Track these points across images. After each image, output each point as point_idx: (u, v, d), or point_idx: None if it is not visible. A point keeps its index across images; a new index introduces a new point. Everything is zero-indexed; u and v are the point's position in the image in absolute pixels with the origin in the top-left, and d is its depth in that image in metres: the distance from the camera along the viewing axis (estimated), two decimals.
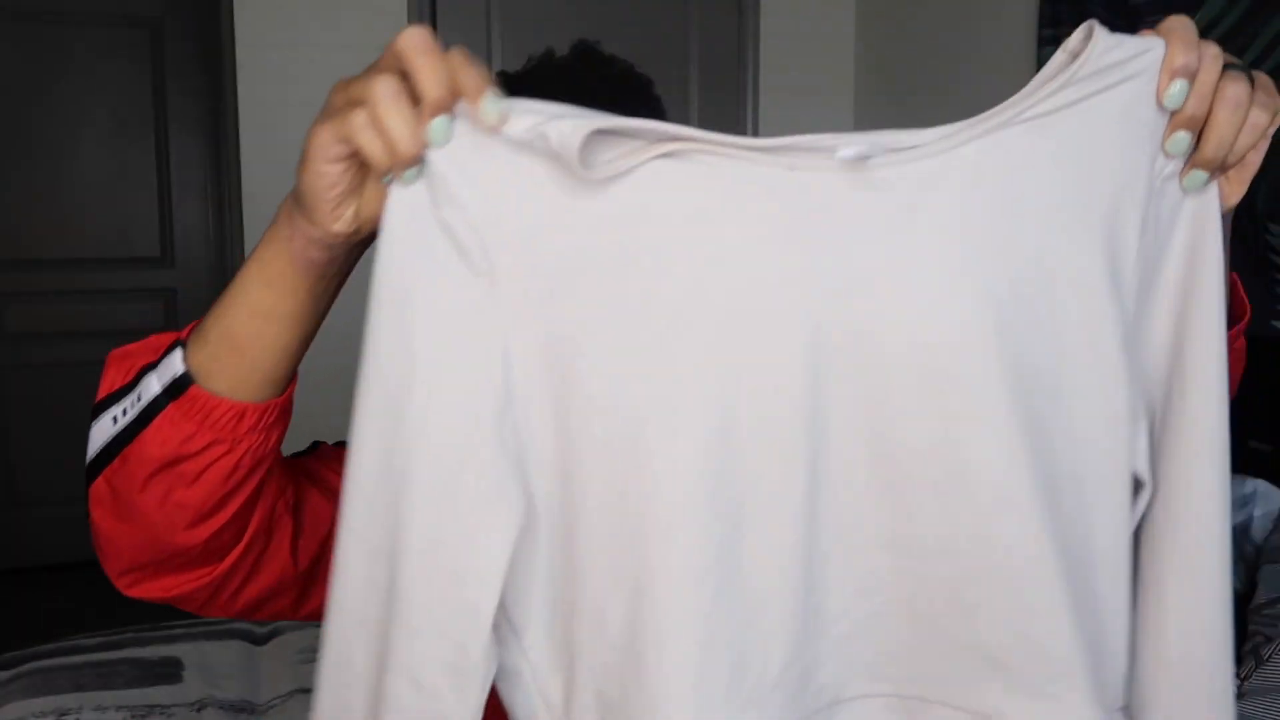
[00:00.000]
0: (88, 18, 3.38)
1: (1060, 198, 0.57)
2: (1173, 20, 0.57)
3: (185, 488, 0.61)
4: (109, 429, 0.62)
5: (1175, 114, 0.56)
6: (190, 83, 3.53)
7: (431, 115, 0.50)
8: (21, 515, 3.42)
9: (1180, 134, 0.56)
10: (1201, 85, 0.56)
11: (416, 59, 0.50)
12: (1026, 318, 0.55)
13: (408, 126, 0.50)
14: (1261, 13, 1.89)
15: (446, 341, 0.53)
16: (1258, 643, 1.40)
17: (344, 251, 0.59)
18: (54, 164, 3.41)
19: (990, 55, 2.63)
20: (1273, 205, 1.87)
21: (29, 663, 1.61)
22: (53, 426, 3.46)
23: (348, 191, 0.55)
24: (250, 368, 0.61)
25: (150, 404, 0.61)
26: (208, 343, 0.61)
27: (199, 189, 3.59)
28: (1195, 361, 0.59)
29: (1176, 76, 0.56)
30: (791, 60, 3.15)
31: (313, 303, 0.61)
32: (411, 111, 0.50)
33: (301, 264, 0.59)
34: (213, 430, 0.60)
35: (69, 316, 3.48)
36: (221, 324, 0.61)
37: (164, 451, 0.60)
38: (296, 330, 0.62)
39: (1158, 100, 0.56)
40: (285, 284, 0.59)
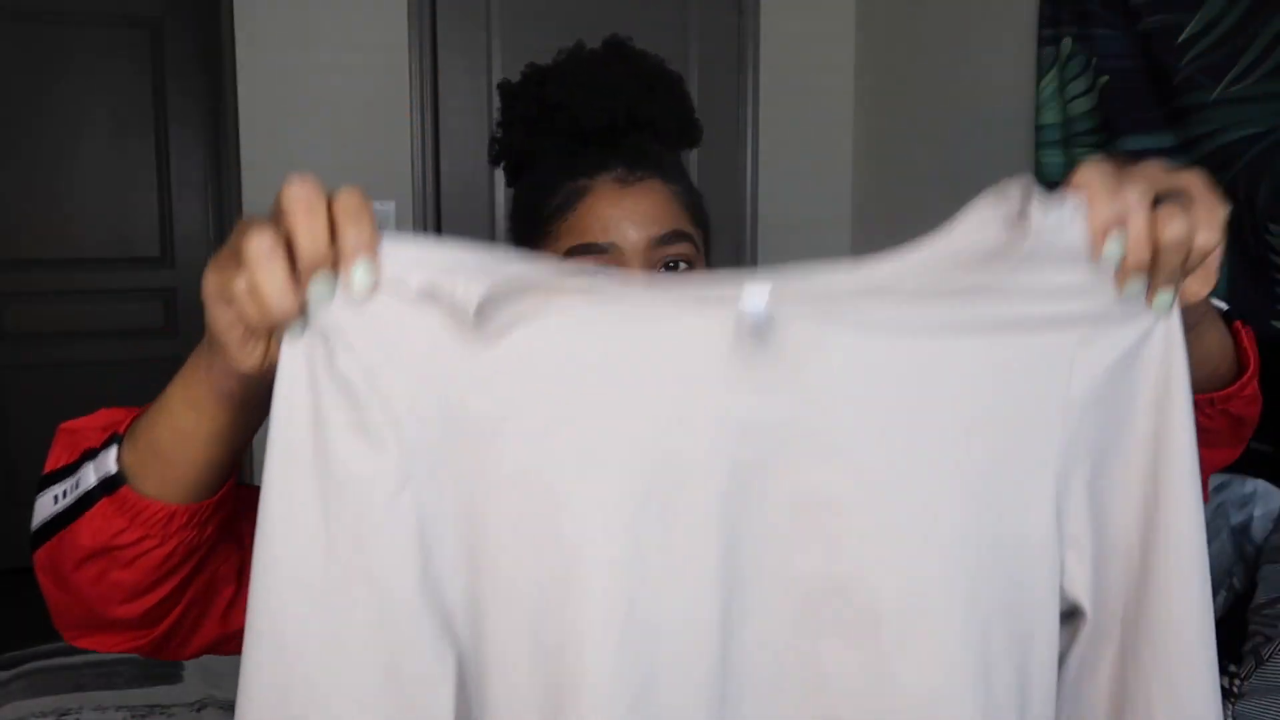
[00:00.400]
0: (88, 18, 3.38)
1: (976, 373, 0.55)
2: (1086, 171, 0.54)
3: (119, 570, 0.62)
4: (50, 507, 0.64)
5: (1122, 262, 0.54)
6: (190, 83, 3.53)
7: (309, 275, 0.48)
8: (22, 515, 3.39)
9: (1132, 281, 0.54)
10: (1136, 232, 0.53)
11: (293, 217, 0.48)
12: (928, 459, 0.55)
13: (280, 287, 0.48)
14: (1261, 13, 1.89)
15: (354, 502, 0.51)
16: (1258, 643, 1.40)
17: (259, 384, 0.56)
18: (54, 164, 3.41)
19: (990, 55, 2.63)
20: (1273, 205, 1.87)
21: (29, 663, 1.61)
22: (52, 426, 3.45)
23: (249, 333, 0.53)
24: (175, 479, 0.61)
25: (85, 495, 0.62)
26: (137, 448, 0.61)
27: (199, 189, 3.59)
28: (1171, 482, 0.57)
29: (1107, 232, 0.53)
30: (791, 60, 3.15)
31: (233, 426, 0.60)
32: (286, 270, 0.48)
33: (221, 393, 0.57)
34: (144, 527, 0.61)
35: (69, 316, 3.48)
36: (149, 434, 0.61)
37: (96, 541, 0.61)
38: (220, 449, 0.60)
39: (1095, 259, 0.54)
40: (205, 408, 0.58)
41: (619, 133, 0.80)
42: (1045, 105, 2.38)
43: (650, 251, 0.77)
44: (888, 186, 3.11)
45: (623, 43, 0.84)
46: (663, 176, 0.80)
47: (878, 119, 3.16)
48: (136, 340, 3.56)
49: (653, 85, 0.82)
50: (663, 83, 0.84)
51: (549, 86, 0.82)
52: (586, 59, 0.83)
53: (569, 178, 0.79)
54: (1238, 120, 1.93)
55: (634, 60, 0.83)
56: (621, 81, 0.80)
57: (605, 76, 0.80)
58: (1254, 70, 1.91)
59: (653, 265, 0.77)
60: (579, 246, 0.77)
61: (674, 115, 0.84)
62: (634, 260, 0.76)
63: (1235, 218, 1.98)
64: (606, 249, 0.76)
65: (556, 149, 0.81)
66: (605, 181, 0.78)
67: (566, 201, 0.78)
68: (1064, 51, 2.32)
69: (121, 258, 3.52)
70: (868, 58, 3.20)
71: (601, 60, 0.82)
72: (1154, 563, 0.56)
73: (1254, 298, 1.92)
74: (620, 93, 0.80)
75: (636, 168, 0.78)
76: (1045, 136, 2.39)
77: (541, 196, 0.80)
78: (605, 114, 0.79)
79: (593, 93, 0.79)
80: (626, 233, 0.76)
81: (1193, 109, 2.00)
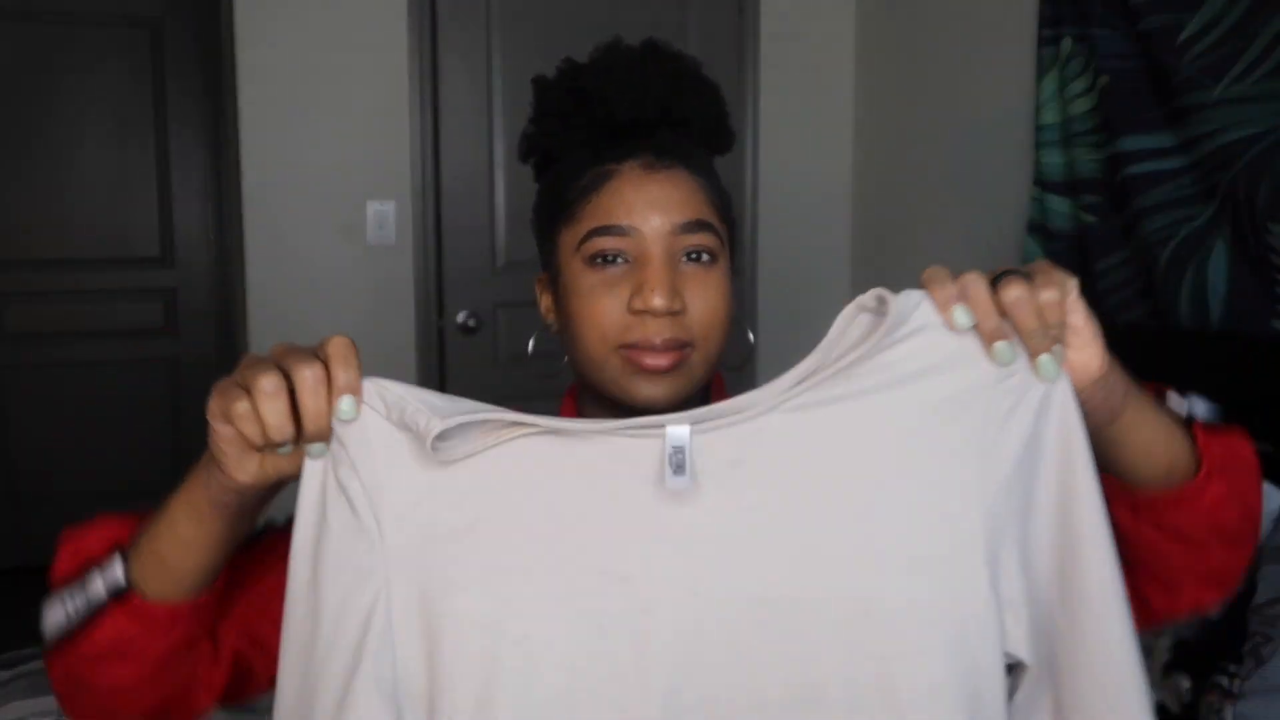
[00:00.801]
0: (88, 18, 3.38)
1: (880, 449, 0.62)
2: (929, 271, 0.63)
3: (129, 665, 0.69)
4: (61, 620, 0.70)
5: (979, 332, 0.61)
6: (190, 83, 3.53)
7: (310, 417, 0.60)
8: (21, 515, 3.43)
9: (998, 345, 0.61)
10: (977, 299, 0.61)
11: (297, 372, 0.60)
12: (863, 542, 0.61)
13: (281, 417, 0.60)
14: (1261, 13, 1.89)
15: (342, 586, 0.61)
16: (1257, 643, 1.40)
17: (254, 496, 0.66)
18: (54, 164, 3.41)
19: (990, 55, 2.63)
20: (1273, 205, 1.87)
21: (29, 663, 1.61)
22: (52, 426, 3.46)
23: (246, 448, 0.62)
24: (177, 580, 0.68)
25: (96, 606, 0.68)
26: (141, 558, 0.68)
27: (199, 189, 3.59)
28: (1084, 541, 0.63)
29: (951, 304, 0.61)
30: (791, 60, 3.15)
31: (229, 533, 0.68)
32: (288, 405, 0.60)
33: (218, 505, 0.66)
34: (150, 625, 0.68)
35: (69, 316, 3.48)
36: (152, 545, 0.68)
37: (107, 645, 0.68)
38: (217, 552, 0.69)
39: (950, 327, 0.61)
40: (204, 519, 0.67)
41: (650, 125, 0.80)
42: (1045, 105, 2.38)
43: (671, 238, 0.76)
44: (888, 186, 3.11)
45: (660, 42, 0.84)
46: (690, 168, 0.79)
47: (878, 119, 3.16)
48: (136, 340, 3.56)
49: (688, 85, 0.82)
50: (698, 84, 0.83)
51: (584, 79, 0.81)
52: (623, 54, 0.82)
53: (596, 163, 0.79)
54: (1238, 120, 1.93)
55: (671, 59, 0.82)
56: (657, 78, 0.80)
57: (641, 72, 0.80)
58: (1254, 70, 1.91)
59: (673, 254, 0.76)
60: (599, 228, 0.76)
61: (707, 117, 0.83)
62: (654, 245, 0.75)
63: (1235, 218, 1.98)
64: (627, 232, 0.76)
65: (587, 140, 0.81)
66: (632, 167, 0.78)
67: (591, 184, 0.78)
68: (1064, 51, 2.32)
69: (121, 258, 3.52)
70: (868, 58, 3.20)
71: (638, 56, 0.82)
72: (1074, 613, 0.62)
73: (1254, 298, 1.92)
74: (654, 88, 0.79)
75: (664, 156, 0.78)
76: (1045, 136, 2.39)
77: (567, 181, 0.80)
78: (638, 107, 0.79)
79: (627, 86, 0.79)
80: (649, 217, 0.76)
81: (1193, 109, 2.00)
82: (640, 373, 0.75)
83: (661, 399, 0.75)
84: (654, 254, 0.75)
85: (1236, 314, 1.95)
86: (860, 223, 3.26)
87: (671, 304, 0.73)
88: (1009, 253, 2.58)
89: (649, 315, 0.74)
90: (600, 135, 0.80)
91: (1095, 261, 2.27)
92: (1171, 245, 2.08)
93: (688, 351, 0.75)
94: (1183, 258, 2.06)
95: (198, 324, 3.63)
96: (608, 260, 0.76)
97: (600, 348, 0.76)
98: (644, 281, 0.74)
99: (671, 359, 0.74)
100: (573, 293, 0.77)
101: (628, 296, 0.75)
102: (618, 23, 2.67)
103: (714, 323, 0.77)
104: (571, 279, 0.78)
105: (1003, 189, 2.61)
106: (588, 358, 0.77)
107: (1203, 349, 1.98)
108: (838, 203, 3.27)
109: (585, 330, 0.76)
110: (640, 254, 0.76)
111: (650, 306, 0.73)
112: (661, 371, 0.74)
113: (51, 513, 3.48)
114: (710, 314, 0.76)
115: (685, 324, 0.75)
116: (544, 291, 0.86)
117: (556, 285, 0.81)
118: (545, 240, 0.83)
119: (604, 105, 0.79)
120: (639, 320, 0.74)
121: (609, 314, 0.75)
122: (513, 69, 2.90)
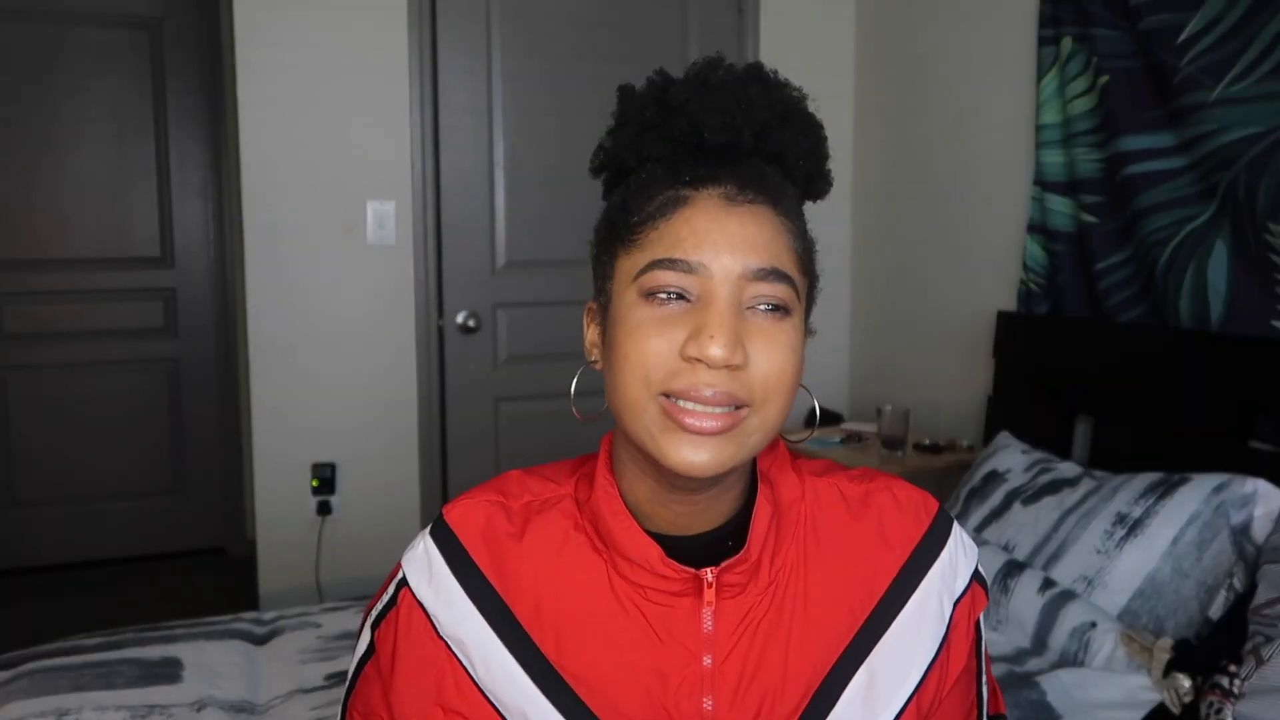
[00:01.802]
0: (88, 18, 3.38)
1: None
2: None
3: None
4: None
5: None
6: (190, 83, 3.53)
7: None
8: (21, 515, 3.42)
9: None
10: None
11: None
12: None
13: None
14: (1261, 13, 1.89)
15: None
16: (1258, 643, 1.40)
17: None
18: (54, 164, 3.41)
19: (990, 55, 2.63)
20: (1273, 205, 1.87)
21: (29, 663, 1.61)
22: (53, 426, 3.46)
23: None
24: None
25: None
26: None
27: (199, 189, 3.59)
28: None
29: None
30: (791, 60, 3.14)
31: None
32: None
33: None
34: None
35: (69, 316, 3.47)
36: None
37: None
38: None
39: None
40: None
41: (740, 152, 0.71)
42: (1045, 105, 2.38)
43: (743, 283, 0.66)
44: (887, 186, 3.11)
45: (766, 70, 0.74)
46: (776, 207, 0.69)
47: (877, 119, 3.16)
48: (136, 340, 3.56)
49: (789, 116, 0.73)
50: (800, 117, 0.74)
51: (673, 90, 0.72)
52: (722, 71, 0.73)
53: (670, 185, 0.69)
54: (1238, 120, 1.93)
55: (774, 86, 0.73)
56: (755, 102, 0.71)
57: (738, 92, 0.71)
58: (1254, 70, 1.91)
59: (742, 300, 0.66)
60: (664, 260, 0.66)
61: (805, 154, 0.74)
62: (721, 287, 0.66)
63: (1235, 218, 1.99)
64: (694, 269, 0.66)
65: (665, 156, 0.72)
66: (710, 196, 0.68)
67: (661, 209, 0.68)
68: (1064, 51, 2.32)
69: (121, 258, 3.52)
70: (867, 58, 3.20)
71: (740, 77, 0.72)
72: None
73: (1254, 298, 1.92)
74: (751, 112, 0.71)
75: (749, 188, 0.69)
76: (1045, 136, 2.39)
77: (635, 201, 0.70)
78: (729, 130, 0.70)
79: (720, 104, 0.70)
80: (721, 256, 0.66)
81: (1193, 109, 2.00)
82: (680, 430, 0.65)
83: (702, 466, 0.65)
84: (720, 295, 0.66)
85: (1236, 314, 1.95)
86: (860, 223, 3.26)
87: (732, 356, 0.64)
88: (1009, 253, 2.58)
89: (702, 365, 0.64)
90: (682, 155, 0.71)
91: (1095, 261, 2.27)
92: (1171, 245, 2.08)
93: (743, 413, 0.66)
94: (1183, 258, 2.06)
95: (198, 324, 3.63)
96: (667, 297, 0.66)
97: (641, 392, 0.66)
98: (703, 325, 0.64)
99: (722, 422, 0.65)
100: (621, 326, 0.68)
101: (682, 340, 0.65)
102: (618, 23, 2.69)
103: (779, 384, 0.67)
104: (623, 311, 0.68)
105: (1003, 189, 2.61)
106: (626, 401, 0.67)
107: (1203, 349, 1.98)
108: (838, 203, 3.27)
109: (627, 369, 0.67)
110: (704, 295, 0.66)
111: (706, 355, 0.64)
112: (706, 434, 0.65)
113: (51, 513, 3.50)
114: (776, 373, 0.66)
115: (744, 381, 0.65)
116: (591, 323, 0.76)
117: (605, 317, 0.72)
118: (601, 265, 0.73)
119: (691, 120, 0.70)
120: (690, 368, 0.65)
121: (657, 355, 0.65)
122: (513, 69, 2.91)
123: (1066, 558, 1.79)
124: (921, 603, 0.75)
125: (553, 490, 0.77)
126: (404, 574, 0.75)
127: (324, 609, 1.94)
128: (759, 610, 0.72)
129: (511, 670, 0.71)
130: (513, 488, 0.77)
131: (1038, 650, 1.70)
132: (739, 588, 0.71)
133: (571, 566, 0.73)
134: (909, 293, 3.01)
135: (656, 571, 0.70)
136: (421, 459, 2.93)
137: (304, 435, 2.81)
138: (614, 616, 0.71)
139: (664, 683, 0.70)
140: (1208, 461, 1.85)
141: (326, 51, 2.73)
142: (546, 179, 2.96)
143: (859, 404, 3.28)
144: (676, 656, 0.70)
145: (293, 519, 2.83)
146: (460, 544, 0.74)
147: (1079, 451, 2.32)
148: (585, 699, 0.70)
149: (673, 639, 0.70)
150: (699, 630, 0.71)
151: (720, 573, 0.70)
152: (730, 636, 0.71)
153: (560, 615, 0.72)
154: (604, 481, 0.73)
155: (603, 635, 0.71)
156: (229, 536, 3.65)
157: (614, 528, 0.72)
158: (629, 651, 0.70)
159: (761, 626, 0.72)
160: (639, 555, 0.70)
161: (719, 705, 0.70)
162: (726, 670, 0.71)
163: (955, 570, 0.77)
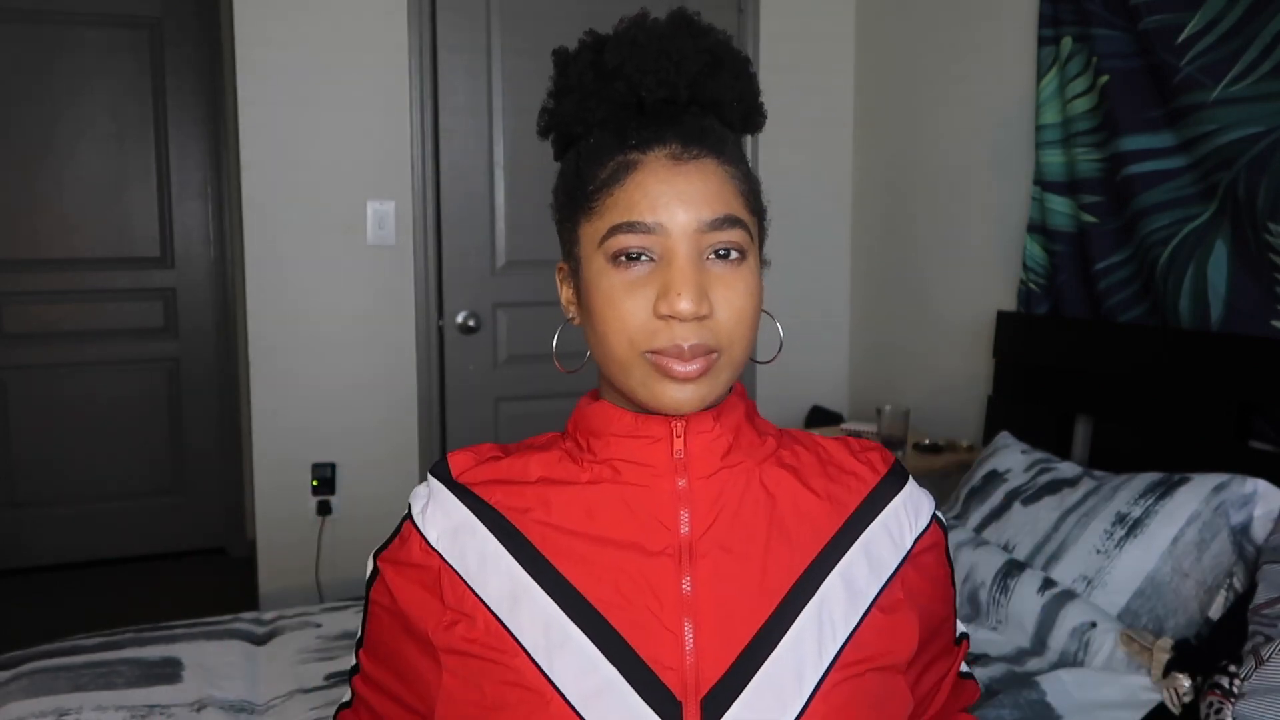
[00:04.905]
0: (88, 18, 3.39)
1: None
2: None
3: None
4: None
5: None
6: (190, 83, 3.53)
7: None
8: (21, 515, 3.43)
9: None
10: None
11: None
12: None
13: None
14: (1261, 13, 1.89)
15: None
16: (1258, 643, 1.40)
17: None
18: (54, 164, 3.41)
19: (990, 55, 2.63)
20: (1273, 205, 1.87)
21: (29, 663, 1.61)
22: (53, 427, 3.46)
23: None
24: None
25: None
26: None
27: (199, 189, 3.59)
28: None
29: None
30: (791, 60, 3.15)
31: None
32: None
33: None
34: None
35: (69, 316, 3.48)
36: None
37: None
38: None
39: None
40: None
41: (678, 107, 0.76)
42: (1045, 105, 2.38)
43: (699, 236, 0.72)
44: (888, 186, 3.11)
45: (690, 16, 0.78)
46: (719, 157, 0.75)
47: (878, 119, 3.16)
48: (136, 340, 3.56)
49: (719, 62, 0.77)
50: (729, 60, 0.78)
51: (607, 53, 0.76)
52: (649, 28, 0.76)
53: (619, 151, 0.75)
54: (1238, 120, 1.93)
55: (700, 34, 0.77)
56: (685, 54, 0.75)
57: (668, 47, 0.75)
58: (1254, 70, 1.91)
59: (700, 251, 0.73)
60: (623, 224, 0.72)
61: (739, 95, 0.79)
62: (680, 243, 0.72)
63: (1235, 218, 1.98)
64: (652, 229, 0.72)
65: (609, 120, 0.77)
66: (657, 157, 0.73)
67: (614, 176, 0.74)
68: (1064, 51, 2.32)
69: (121, 258, 3.52)
70: (867, 57, 3.20)
71: (665, 30, 0.76)
72: None
73: (1254, 298, 1.92)
74: (683, 65, 0.75)
75: (692, 144, 0.74)
76: (1045, 136, 2.39)
77: (588, 169, 0.76)
78: (665, 86, 0.75)
79: (653, 63, 0.74)
80: (675, 213, 0.72)
81: (1193, 109, 2.00)
82: (668, 379, 0.73)
83: (688, 404, 0.74)
84: (680, 252, 0.72)
85: (1236, 314, 1.95)
86: (860, 223, 3.26)
87: (699, 308, 0.71)
88: (1009, 253, 2.58)
89: (675, 320, 0.71)
90: (625, 117, 0.76)
91: (1095, 261, 2.27)
92: (1171, 245, 2.08)
93: (714, 357, 0.73)
94: (1183, 258, 2.06)
95: (198, 324, 3.63)
96: (631, 258, 0.73)
97: (628, 352, 0.73)
98: (670, 284, 0.71)
99: (700, 366, 0.72)
100: (596, 292, 0.75)
101: (653, 299, 0.72)
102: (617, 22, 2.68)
103: (742, 326, 0.74)
104: (594, 276, 0.75)
105: (1003, 189, 2.61)
106: (614, 359, 0.75)
107: (1202, 349, 1.98)
108: (838, 203, 3.27)
109: (611, 333, 0.74)
110: (665, 252, 0.72)
111: (676, 310, 0.70)
112: (690, 379, 0.72)
113: (51, 513, 3.50)
114: (738, 318, 0.73)
115: (712, 328, 0.72)
116: (564, 283, 0.83)
117: (578, 277, 0.78)
118: (565, 229, 0.80)
119: (628, 82, 0.75)
120: (665, 326, 0.72)
121: (634, 318, 0.72)
122: (513, 69, 2.91)
123: (1066, 558, 1.79)
124: (888, 519, 0.81)
125: (542, 440, 0.85)
126: (408, 508, 0.81)
127: (324, 609, 1.94)
128: (733, 493, 0.77)
129: (505, 563, 0.76)
130: (508, 446, 0.85)
131: (1038, 650, 1.70)
132: (709, 435, 0.77)
133: (555, 472, 0.79)
134: (909, 293, 3.01)
135: (635, 435, 0.77)
136: (421, 459, 2.93)
137: (304, 435, 2.81)
138: (595, 507, 0.77)
139: (645, 558, 0.74)
140: (1208, 461, 1.85)
141: (326, 51, 2.73)
142: (546, 179, 2.93)
143: (859, 404, 3.28)
144: (655, 534, 0.75)
145: (293, 519, 2.83)
146: (454, 469, 0.82)
147: (1079, 451, 2.32)
148: (571, 580, 0.74)
149: (650, 517, 0.76)
150: (675, 502, 0.76)
151: (690, 420, 0.77)
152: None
153: (548, 512, 0.77)
154: (583, 404, 0.82)
155: (584, 524, 0.76)
156: (229, 536, 3.65)
157: (590, 416, 0.80)
158: (610, 531, 0.76)
159: (739, 517, 0.76)
160: (618, 426, 0.77)
161: (698, 583, 0.74)
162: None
163: (918, 508, 0.83)
